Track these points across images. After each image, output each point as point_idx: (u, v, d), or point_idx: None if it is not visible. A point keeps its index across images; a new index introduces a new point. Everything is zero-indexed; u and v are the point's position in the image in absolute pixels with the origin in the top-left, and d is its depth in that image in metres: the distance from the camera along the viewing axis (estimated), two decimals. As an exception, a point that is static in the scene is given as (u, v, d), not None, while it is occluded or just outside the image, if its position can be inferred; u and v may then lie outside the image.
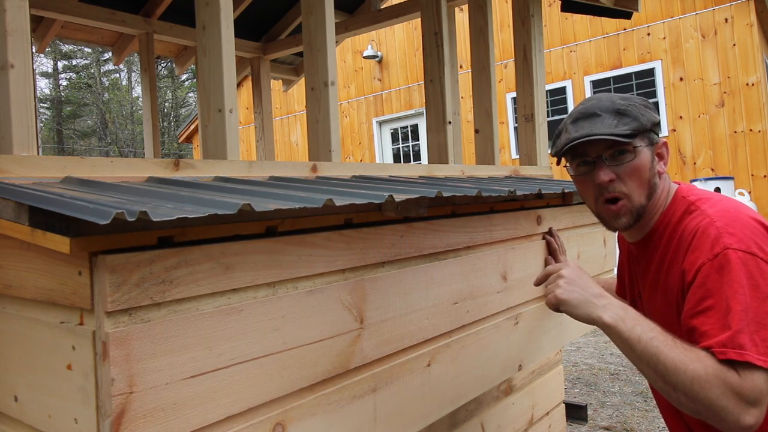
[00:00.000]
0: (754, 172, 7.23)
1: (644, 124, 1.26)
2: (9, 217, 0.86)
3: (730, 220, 1.15)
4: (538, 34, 2.73)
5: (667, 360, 1.02)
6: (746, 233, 1.12)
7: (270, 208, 0.86)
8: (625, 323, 1.09)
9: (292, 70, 4.98)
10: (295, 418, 1.06)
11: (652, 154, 1.29)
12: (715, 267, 1.10)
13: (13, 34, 1.16)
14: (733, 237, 1.12)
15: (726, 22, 7.36)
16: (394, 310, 1.30)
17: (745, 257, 1.09)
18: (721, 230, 1.14)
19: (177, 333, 0.88)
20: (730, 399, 0.98)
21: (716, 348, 1.03)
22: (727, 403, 0.98)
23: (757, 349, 1.01)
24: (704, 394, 0.99)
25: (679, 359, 1.01)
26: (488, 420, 1.97)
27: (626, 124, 1.25)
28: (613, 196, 1.29)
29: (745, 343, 1.01)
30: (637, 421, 3.33)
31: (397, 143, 10.64)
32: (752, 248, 1.10)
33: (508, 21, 8.70)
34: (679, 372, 1.01)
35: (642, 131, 1.26)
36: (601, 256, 2.37)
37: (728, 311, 1.05)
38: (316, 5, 1.84)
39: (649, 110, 1.29)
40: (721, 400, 0.98)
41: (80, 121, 29.17)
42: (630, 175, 1.27)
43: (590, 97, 1.35)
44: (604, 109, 1.28)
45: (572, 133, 1.29)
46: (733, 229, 1.13)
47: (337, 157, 1.84)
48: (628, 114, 1.26)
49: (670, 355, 1.02)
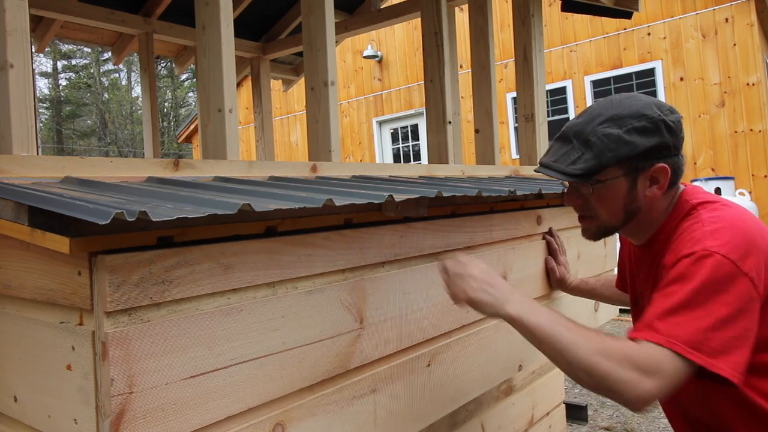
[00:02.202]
0: (754, 172, 7.23)
1: (605, 162, 1.21)
2: (8, 217, 0.86)
3: (721, 226, 1.14)
4: (538, 34, 2.73)
5: (565, 341, 1.07)
6: (733, 240, 1.11)
7: (270, 208, 0.86)
8: (527, 313, 1.13)
9: (292, 70, 4.98)
10: (295, 418, 1.06)
11: (632, 181, 1.24)
12: (689, 262, 1.11)
13: (13, 34, 1.16)
14: (717, 241, 1.11)
15: (726, 22, 7.36)
16: (394, 310, 1.30)
17: (720, 261, 1.08)
18: (706, 233, 1.14)
19: (177, 333, 0.88)
20: (627, 372, 1.02)
21: (635, 329, 1.10)
22: (623, 376, 1.02)
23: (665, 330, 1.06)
24: (600, 370, 1.04)
25: (577, 339, 1.07)
26: (488, 420, 1.97)
27: (585, 161, 1.23)
28: (580, 215, 1.36)
29: (659, 327, 1.07)
30: (637, 422, 3.33)
31: (397, 143, 10.64)
32: (731, 255, 1.09)
33: (508, 21, 8.70)
34: (580, 350, 1.06)
35: (606, 166, 1.22)
36: (601, 256, 2.37)
37: (672, 302, 1.09)
38: (316, 5, 1.84)
39: (640, 136, 1.21)
40: (618, 374, 1.02)
41: (80, 121, 29.17)
42: (596, 202, 1.29)
43: (595, 104, 1.30)
44: (579, 134, 1.26)
45: (544, 156, 1.32)
46: (720, 234, 1.13)
47: (337, 157, 1.84)
48: (593, 149, 1.23)
49: (569, 336, 1.08)
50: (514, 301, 1.16)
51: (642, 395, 1.02)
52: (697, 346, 1.04)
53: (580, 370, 1.07)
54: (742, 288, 1.08)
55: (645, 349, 1.05)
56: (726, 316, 1.06)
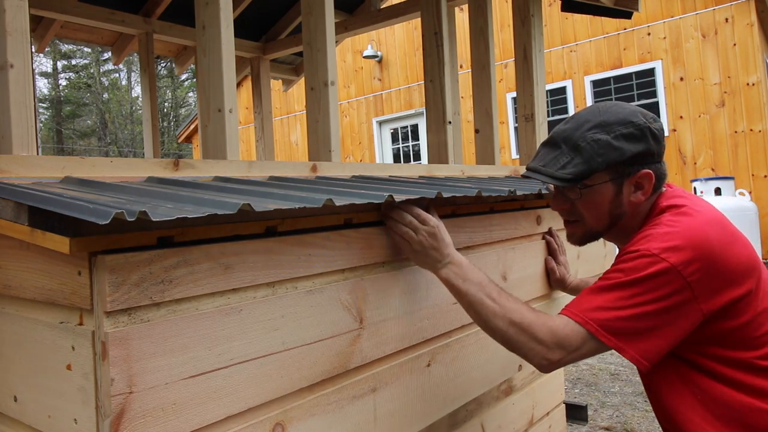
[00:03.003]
0: (754, 172, 7.23)
1: (595, 167, 1.25)
2: (8, 217, 0.86)
3: (674, 230, 1.18)
4: (538, 34, 2.73)
5: (488, 310, 1.21)
6: (680, 245, 1.15)
7: (270, 208, 0.86)
8: (458, 279, 1.24)
9: (292, 70, 4.98)
10: (295, 418, 1.06)
11: (619, 186, 1.28)
12: (630, 257, 1.19)
13: (13, 34, 1.16)
14: (663, 243, 1.16)
15: (726, 22, 7.36)
16: (393, 310, 1.30)
17: (658, 263, 1.14)
18: (657, 235, 1.19)
19: (176, 333, 0.88)
20: (535, 344, 1.17)
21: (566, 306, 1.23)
22: (532, 347, 1.18)
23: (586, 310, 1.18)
24: (515, 337, 1.19)
25: (498, 310, 1.20)
26: (488, 420, 1.97)
27: (575, 165, 1.27)
28: (566, 220, 1.39)
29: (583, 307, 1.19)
30: (637, 422, 3.33)
31: (397, 143, 10.64)
32: (672, 258, 1.13)
33: (508, 21, 8.70)
34: (499, 320, 1.20)
35: (595, 171, 1.26)
36: (600, 256, 2.37)
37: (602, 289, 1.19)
38: (316, 5, 1.84)
39: (628, 142, 1.25)
40: (528, 345, 1.18)
41: (80, 121, 29.17)
42: (582, 206, 1.33)
43: (581, 111, 1.34)
44: (568, 139, 1.29)
45: (532, 161, 1.35)
46: (668, 237, 1.17)
47: (337, 157, 1.84)
48: (582, 154, 1.26)
49: (491, 306, 1.20)
50: (450, 265, 1.25)
51: (547, 363, 1.18)
52: (610, 330, 1.15)
53: (499, 337, 1.22)
54: (673, 288, 1.14)
55: (562, 324, 1.18)
56: (649, 311, 1.14)
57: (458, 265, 1.25)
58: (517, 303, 1.23)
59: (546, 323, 1.19)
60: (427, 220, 1.25)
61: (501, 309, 1.20)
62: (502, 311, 1.20)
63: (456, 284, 1.24)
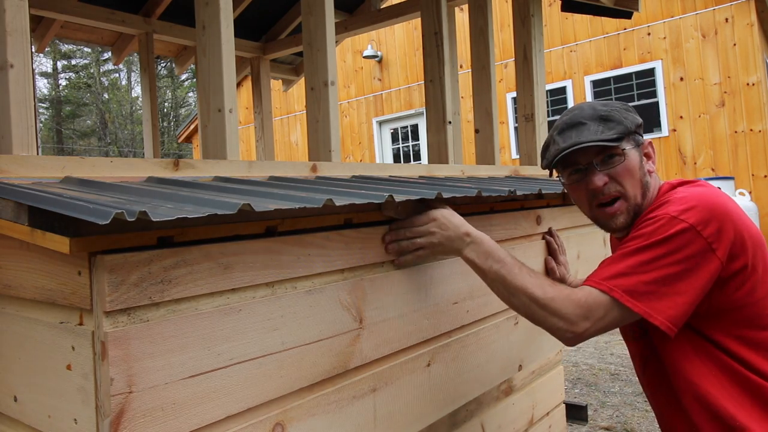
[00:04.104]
0: (754, 172, 7.23)
1: (629, 127, 1.31)
2: (8, 217, 0.86)
3: (689, 195, 1.22)
4: (538, 34, 2.73)
5: (510, 285, 1.21)
6: (697, 207, 1.18)
7: (270, 208, 0.86)
8: (479, 256, 1.25)
9: (292, 70, 4.98)
10: (295, 418, 1.06)
11: (639, 154, 1.34)
12: (649, 223, 1.21)
13: (13, 34, 1.16)
14: (680, 206, 1.19)
15: (726, 22, 7.36)
16: (393, 310, 1.30)
17: (678, 223, 1.16)
18: (673, 201, 1.22)
19: (176, 333, 0.88)
20: (558, 321, 1.17)
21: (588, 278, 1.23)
22: (556, 323, 1.18)
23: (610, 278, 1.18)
24: (540, 311, 1.19)
25: (521, 284, 1.20)
26: (488, 420, 1.97)
27: (612, 129, 1.30)
28: (608, 199, 1.34)
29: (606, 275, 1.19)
30: (637, 422, 3.33)
31: (397, 143, 10.64)
32: (691, 219, 1.16)
33: (508, 21, 8.70)
34: (520, 293, 1.20)
35: (627, 134, 1.31)
36: (601, 256, 2.37)
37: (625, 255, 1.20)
38: (316, 5, 1.84)
39: (630, 113, 1.34)
40: (553, 320, 1.18)
41: (80, 121, 29.17)
42: (623, 176, 1.32)
43: (572, 107, 1.39)
44: (588, 117, 1.33)
45: (561, 144, 1.34)
46: (685, 201, 1.20)
47: (337, 157, 1.84)
48: (612, 119, 1.31)
49: (513, 281, 1.21)
50: (471, 245, 1.25)
51: (573, 336, 1.18)
52: (636, 296, 1.15)
53: (524, 312, 1.23)
54: (694, 250, 1.15)
55: (585, 294, 1.18)
56: (671, 273, 1.15)
57: (479, 243, 1.26)
58: (538, 277, 1.23)
59: (569, 296, 1.18)
60: (420, 220, 1.27)
61: (523, 284, 1.20)
62: (524, 287, 1.20)
63: (478, 263, 1.24)
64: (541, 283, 1.21)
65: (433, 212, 1.27)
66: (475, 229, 1.28)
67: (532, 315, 1.21)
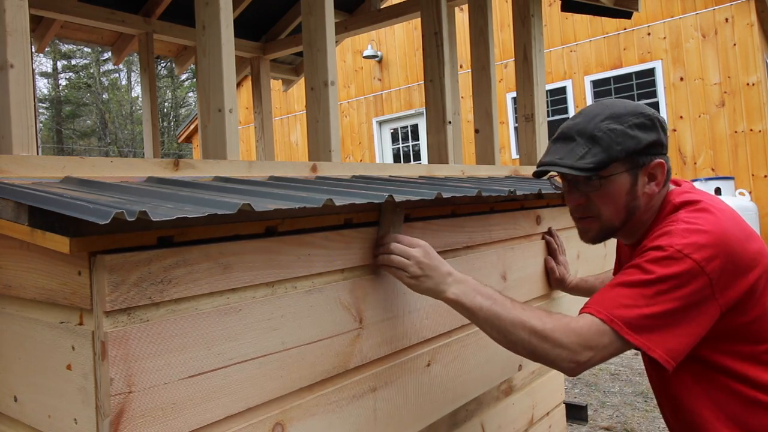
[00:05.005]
0: (754, 172, 7.23)
1: (615, 156, 1.24)
2: (9, 217, 0.86)
3: (694, 227, 1.17)
4: (538, 34, 2.73)
5: (506, 322, 1.16)
6: (701, 240, 1.14)
7: (270, 208, 0.86)
8: (466, 296, 1.19)
9: (292, 70, 4.98)
10: (295, 418, 1.06)
11: (634, 177, 1.27)
12: (652, 254, 1.17)
13: (13, 34, 1.16)
14: (685, 239, 1.15)
15: (726, 22, 7.36)
16: (393, 310, 1.30)
17: (682, 259, 1.13)
18: (678, 231, 1.18)
19: (175, 333, 0.88)
20: (560, 351, 1.13)
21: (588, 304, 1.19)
22: (558, 353, 1.14)
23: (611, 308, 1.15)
24: (539, 345, 1.14)
25: (515, 321, 1.15)
26: (488, 420, 1.97)
27: (594, 155, 1.25)
28: (581, 216, 1.35)
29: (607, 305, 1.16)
30: (637, 422, 3.33)
31: (397, 143, 10.64)
32: (695, 255, 1.13)
33: (508, 21, 8.70)
34: (519, 331, 1.15)
35: (613, 160, 1.24)
36: (600, 256, 2.37)
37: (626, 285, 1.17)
38: (316, 5, 1.84)
39: (638, 132, 1.25)
40: (554, 352, 1.14)
41: (80, 121, 29.16)
42: (599, 201, 1.30)
43: (588, 107, 1.33)
44: (582, 132, 1.28)
45: (545, 156, 1.33)
46: (690, 234, 1.16)
47: (337, 157, 1.84)
48: (600, 143, 1.25)
49: (508, 318, 1.16)
50: (453, 285, 1.20)
51: (575, 366, 1.14)
52: (635, 329, 1.13)
53: (522, 348, 1.17)
54: (697, 286, 1.13)
55: (586, 324, 1.14)
56: (673, 309, 1.13)
57: (463, 282, 1.21)
58: (533, 310, 1.19)
59: (569, 325, 1.15)
60: (413, 242, 1.22)
61: (519, 318, 1.16)
62: (521, 320, 1.15)
63: (465, 302, 1.19)
64: (538, 315, 1.17)
65: (419, 240, 1.23)
66: (455, 270, 1.23)
67: (533, 349, 1.16)
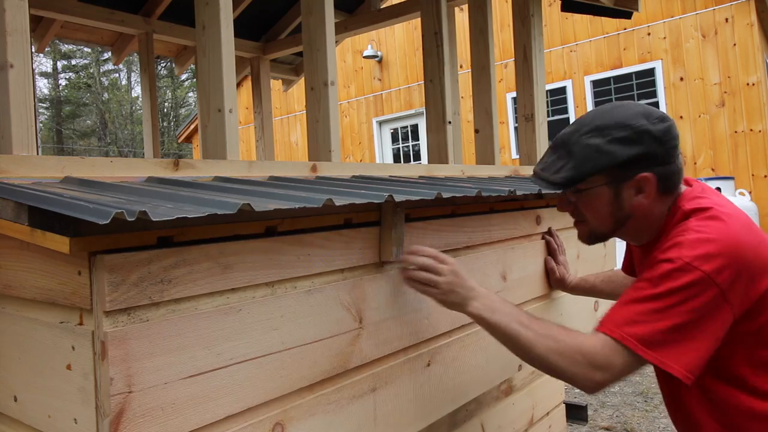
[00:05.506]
0: (754, 172, 7.23)
1: (586, 171, 1.25)
2: (8, 217, 0.86)
3: (704, 236, 1.15)
4: (538, 34, 2.73)
5: (524, 339, 1.19)
6: (711, 252, 1.12)
7: (270, 208, 0.86)
8: (488, 312, 1.23)
9: (292, 70, 4.98)
10: (295, 418, 1.06)
11: (615, 190, 1.26)
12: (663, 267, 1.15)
13: (13, 34, 1.16)
14: (694, 251, 1.13)
15: (726, 22, 7.36)
16: (393, 310, 1.30)
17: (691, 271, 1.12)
18: (687, 242, 1.16)
19: (175, 333, 0.88)
20: (578, 368, 1.15)
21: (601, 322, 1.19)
22: (575, 370, 1.15)
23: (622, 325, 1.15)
24: (556, 364, 1.16)
25: (534, 337, 1.18)
26: (488, 420, 1.97)
27: (567, 171, 1.27)
28: (573, 219, 1.40)
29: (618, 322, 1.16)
30: (637, 422, 3.33)
31: (397, 143, 10.63)
32: (704, 266, 1.11)
33: (508, 21, 8.69)
34: (537, 348, 1.18)
35: (587, 175, 1.25)
36: (600, 256, 2.37)
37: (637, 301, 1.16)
38: (316, 5, 1.84)
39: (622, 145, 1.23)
40: (571, 369, 1.15)
41: (80, 121, 29.16)
42: (585, 208, 1.33)
43: (585, 115, 1.33)
44: (565, 144, 1.30)
45: (537, 164, 1.37)
46: (699, 245, 1.14)
47: (337, 157, 1.84)
48: (574, 158, 1.26)
49: (527, 334, 1.19)
50: (476, 299, 1.24)
51: (592, 386, 1.15)
52: (649, 345, 1.12)
53: (539, 365, 1.19)
54: (708, 298, 1.11)
55: (600, 343, 1.15)
56: (686, 322, 1.11)
57: (485, 297, 1.24)
58: (550, 327, 1.21)
59: (583, 344, 1.16)
60: (445, 259, 1.27)
61: (536, 336, 1.18)
62: (538, 338, 1.18)
63: (486, 317, 1.22)
64: (555, 333, 1.19)
65: (449, 257, 1.28)
66: (478, 285, 1.27)
67: (549, 366, 1.18)
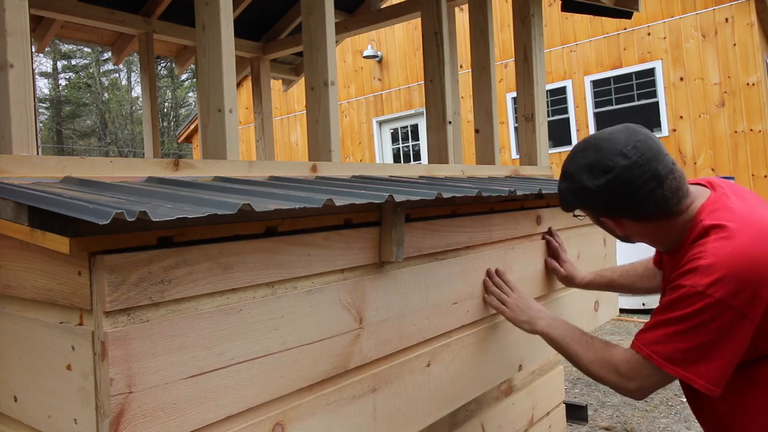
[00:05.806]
0: (754, 172, 7.23)
1: (566, 208, 1.42)
2: (9, 217, 0.86)
3: (719, 261, 1.19)
4: (538, 34, 2.72)
5: (573, 351, 1.43)
6: (726, 277, 1.17)
7: (270, 208, 0.86)
8: (551, 328, 1.49)
9: (292, 70, 4.98)
10: (295, 418, 1.06)
11: (599, 221, 1.42)
12: (681, 293, 1.23)
13: (13, 34, 1.16)
14: (709, 278, 1.18)
15: (726, 22, 7.36)
16: (393, 310, 1.30)
17: (706, 299, 1.18)
18: (703, 268, 1.21)
19: (176, 333, 0.88)
20: (613, 377, 1.34)
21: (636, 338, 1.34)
22: (612, 380, 1.34)
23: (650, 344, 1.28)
24: (596, 373, 1.37)
25: (579, 350, 1.42)
26: (488, 420, 1.97)
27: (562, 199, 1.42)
28: None
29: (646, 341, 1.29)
30: (637, 422, 3.33)
31: (397, 143, 10.63)
32: (719, 293, 1.17)
33: (508, 21, 8.69)
34: (582, 359, 1.41)
35: (573, 208, 1.41)
36: (601, 256, 2.37)
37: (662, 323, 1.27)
38: (316, 5, 1.84)
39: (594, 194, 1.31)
40: (609, 378, 1.35)
41: (80, 121, 29.15)
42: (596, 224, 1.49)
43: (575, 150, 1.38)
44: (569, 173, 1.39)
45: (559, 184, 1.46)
46: (714, 270, 1.19)
47: (337, 157, 1.84)
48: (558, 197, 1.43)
49: (576, 348, 1.43)
50: (542, 318, 1.52)
51: (628, 393, 1.34)
52: (673, 362, 1.23)
53: (586, 373, 1.41)
54: (726, 320, 1.18)
55: (627, 357, 1.32)
56: (707, 341, 1.20)
57: (549, 317, 1.52)
58: (593, 341, 1.41)
59: (613, 357, 1.34)
60: (515, 287, 1.63)
61: (583, 349, 1.41)
62: (583, 351, 1.41)
63: (551, 334, 1.48)
64: (598, 347, 1.39)
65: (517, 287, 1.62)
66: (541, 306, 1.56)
67: (593, 374, 1.38)
